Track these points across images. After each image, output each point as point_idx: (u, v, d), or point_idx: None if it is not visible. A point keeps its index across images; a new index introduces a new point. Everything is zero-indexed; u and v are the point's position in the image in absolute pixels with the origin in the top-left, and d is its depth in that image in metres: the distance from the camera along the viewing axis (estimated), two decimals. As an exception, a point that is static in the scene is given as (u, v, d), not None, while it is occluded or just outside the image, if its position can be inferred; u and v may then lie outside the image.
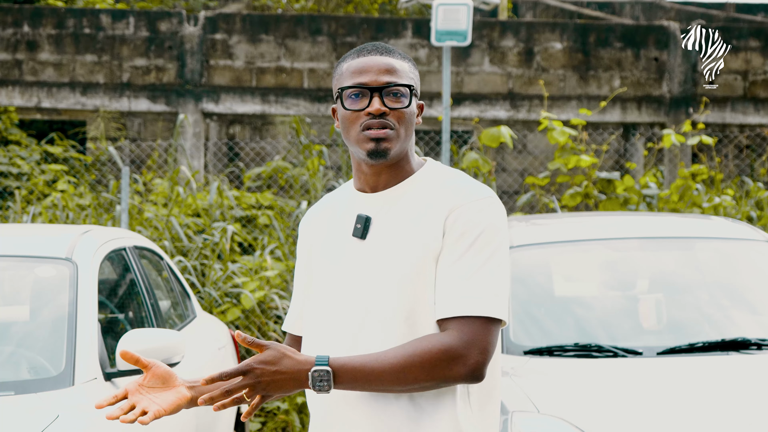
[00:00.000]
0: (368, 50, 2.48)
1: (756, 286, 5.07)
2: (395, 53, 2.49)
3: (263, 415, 7.74)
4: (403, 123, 2.45)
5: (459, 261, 2.38)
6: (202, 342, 5.58)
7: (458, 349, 2.33)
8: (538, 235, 5.39)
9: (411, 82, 2.47)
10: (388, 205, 2.49)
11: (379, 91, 2.43)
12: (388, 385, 2.33)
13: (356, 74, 2.46)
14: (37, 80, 11.95)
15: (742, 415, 4.05)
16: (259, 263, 8.54)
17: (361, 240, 2.48)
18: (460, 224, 2.39)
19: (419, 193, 2.48)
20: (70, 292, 4.28)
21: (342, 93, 2.46)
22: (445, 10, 8.50)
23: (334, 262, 2.51)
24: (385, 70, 2.45)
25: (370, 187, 2.51)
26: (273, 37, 12.09)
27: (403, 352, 2.33)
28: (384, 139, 2.43)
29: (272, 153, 12.77)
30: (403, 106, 2.44)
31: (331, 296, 2.50)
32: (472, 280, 2.36)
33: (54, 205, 9.63)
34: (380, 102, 2.43)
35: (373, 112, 2.42)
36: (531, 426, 4.04)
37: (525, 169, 13.25)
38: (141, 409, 2.38)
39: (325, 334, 2.49)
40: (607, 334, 4.72)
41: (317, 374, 2.31)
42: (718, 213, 9.15)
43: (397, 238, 2.44)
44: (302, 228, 2.65)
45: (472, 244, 2.38)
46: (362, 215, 2.49)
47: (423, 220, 2.44)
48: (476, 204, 2.41)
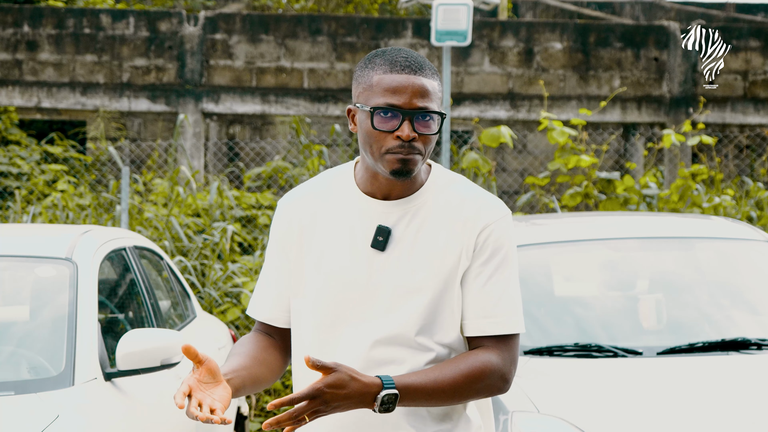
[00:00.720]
0: (402, 67, 2.43)
1: (756, 286, 5.07)
2: (426, 70, 2.44)
3: (263, 415, 7.74)
4: (428, 146, 2.44)
5: (491, 279, 2.46)
6: (202, 342, 5.58)
7: (504, 368, 2.44)
8: (538, 235, 5.38)
9: (438, 106, 2.45)
10: (407, 216, 2.48)
11: (411, 115, 2.41)
12: (440, 402, 2.40)
13: (389, 93, 2.41)
14: (37, 80, 11.95)
15: (742, 415, 4.05)
16: (259, 263, 8.54)
17: (380, 252, 2.47)
18: (491, 243, 2.46)
19: (436, 205, 2.49)
20: (70, 292, 4.28)
21: (373, 111, 2.42)
22: (445, 10, 8.50)
23: (349, 272, 2.47)
24: (419, 93, 2.41)
25: (382, 194, 2.50)
26: (273, 37, 12.09)
27: (458, 372, 2.39)
28: (409, 161, 2.42)
29: (272, 153, 12.77)
30: (432, 133, 2.43)
31: (349, 308, 2.47)
32: (505, 298, 2.46)
33: (54, 205, 9.63)
34: (410, 128, 2.40)
35: (403, 138, 2.40)
36: (531, 426, 4.04)
37: (525, 169, 13.26)
38: (208, 407, 2.34)
39: (344, 346, 2.46)
40: (607, 334, 4.72)
41: (386, 398, 2.33)
42: (718, 213, 9.15)
43: (421, 253, 2.46)
44: (285, 213, 2.58)
45: (501, 263, 2.47)
46: (384, 227, 2.47)
47: (447, 234, 2.46)
48: (503, 221, 2.48)
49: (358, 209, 2.51)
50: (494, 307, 2.45)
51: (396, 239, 2.47)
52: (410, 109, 2.40)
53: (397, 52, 2.47)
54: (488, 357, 2.42)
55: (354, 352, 2.45)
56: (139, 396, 4.26)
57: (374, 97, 2.43)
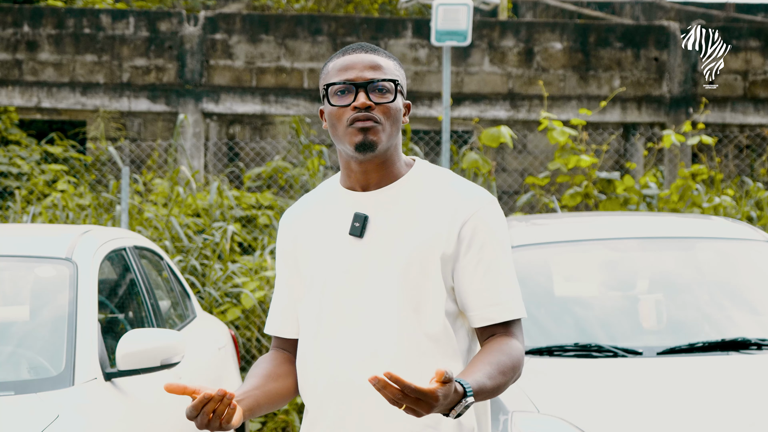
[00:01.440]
0: (353, 49, 2.53)
1: (756, 286, 5.07)
2: (380, 52, 2.53)
3: (263, 415, 7.74)
4: (389, 118, 2.48)
5: (490, 268, 2.48)
6: (202, 342, 5.58)
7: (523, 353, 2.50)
8: (538, 235, 5.38)
9: (396, 78, 2.51)
10: (385, 204, 2.51)
11: (365, 86, 2.46)
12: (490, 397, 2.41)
13: (342, 71, 2.49)
14: (37, 80, 11.95)
15: (742, 415, 4.05)
16: (259, 263, 8.54)
17: (358, 238, 2.49)
18: (481, 231, 2.48)
19: (417, 193, 2.52)
20: (70, 292, 4.28)
21: (328, 90, 2.49)
22: (445, 10, 8.50)
23: (330, 261, 2.52)
24: (370, 67, 2.48)
25: (361, 186, 2.53)
26: (273, 37, 12.09)
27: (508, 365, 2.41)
28: (370, 129, 2.45)
29: (272, 153, 12.77)
30: (388, 101, 2.47)
31: (332, 296, 2.50)
32: (507, 284, 2.50)
33: (54, 205, 9.63)
34: (366, 97, 2.46)
35: (359, 106, 2.45)
36: (531, 426, 4.04)
37: (525, 169, 13.25)
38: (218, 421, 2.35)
39: (331, 335, 2.49)
40: (607, 334, 4.72)
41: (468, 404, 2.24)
42: (718, 213, 9.15)
43: (398, 237, 2.48)
44: (284, 228, 2.65)
45: (495, 250, 2.49)
46: (360, 214, 2.50)
47: (426, 220, 2.48)
48: (488, 209, 2.50)
49: (339, 202, 2.55)
50: (499, 294, 2.48)
51: (374, 225, 2.50)
52: (362, 81, 2.47)
53: (353, 44, 2.57)
54: (516, 344, 2.46)
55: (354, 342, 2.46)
56: (139, 396, 4.26)
57: (330, 79, 2.51)
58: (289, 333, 2.62)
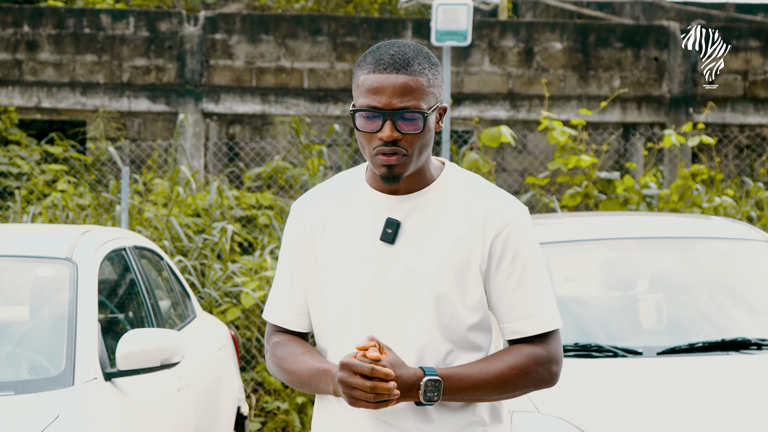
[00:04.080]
0: (385, 65, 2.39)
1: (756, 286, 5.07)
2: (413, 66, 2.39)
3: (263, 415, 7.74)
4: (416, 146, 2.40)
5: (522, 280, 2.47)
6: (202, 342, 5.58)
7: (551, 360, 2.47)
8: (538, 235, 5.38)
9: (427, 102, 2.39)
10: (416, 210, 2.47)
11: (392, 116, 2.37)
12: (487, 394, 2.41)
13: (370, 94, 2.39)
14: (37, 80, 11.95)
15: (742, 415, 4.05)
16: (259, 263, 8.54)
17: (389, 245, 2.46)
18: (512, 243, 2.47)
19: (448, 200, 2.48)
20: (70, 292, 4.27)
21: (354, 113, 2.41)
22: (445, 10, 8.50)
23: (360, 264, 2.47)
24: (400, 92, 2.37)
25: (389, 190, 2.49)
26: (273, 37, 12.09)
27: (505, 363, 2.42)
28: (395, 165, 2.40)
29: (272, 153, 12.77)
30: (415, 131, 2.38)
31: (360, 303, 2.46)
32: (540, 297, 2.48)
33: (54, 205, 9.63)
34: (392, 128, 2.37)
35: (384, 139, 2.38)
36: (531, 426, 4.04)
37: (525, 169, 13.26)
38: None
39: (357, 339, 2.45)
40: (607, 334, 4.71)
41: (430, 383, 2.34)
42: (718, 213, 9.15)
43: (430, 246, 2.45)
44: (299, 215, 2.57)
45: (528, 262, 2.48)
46: (393, 220, 2.46)
47: (459, 229, 2.45)
48: (520, 220, 2.49)
49: (368, 204, 2.50)
50: (531, 307, 2.46)
51: (405, 232, 2.46)
52: (390, 110, 2.37)
53: (388, 47, 2.43)
54: (534, 349, 2.44)
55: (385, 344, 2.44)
56: (139, 396, 4.26)
57: (359, 98, 2.41)
58: (294, 325, 2.57)
